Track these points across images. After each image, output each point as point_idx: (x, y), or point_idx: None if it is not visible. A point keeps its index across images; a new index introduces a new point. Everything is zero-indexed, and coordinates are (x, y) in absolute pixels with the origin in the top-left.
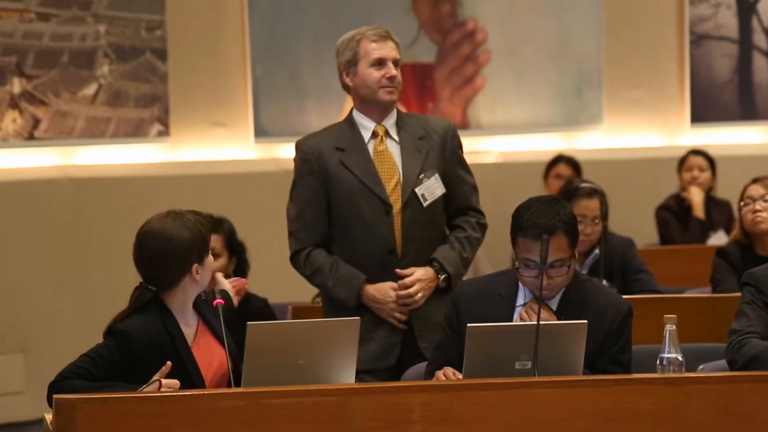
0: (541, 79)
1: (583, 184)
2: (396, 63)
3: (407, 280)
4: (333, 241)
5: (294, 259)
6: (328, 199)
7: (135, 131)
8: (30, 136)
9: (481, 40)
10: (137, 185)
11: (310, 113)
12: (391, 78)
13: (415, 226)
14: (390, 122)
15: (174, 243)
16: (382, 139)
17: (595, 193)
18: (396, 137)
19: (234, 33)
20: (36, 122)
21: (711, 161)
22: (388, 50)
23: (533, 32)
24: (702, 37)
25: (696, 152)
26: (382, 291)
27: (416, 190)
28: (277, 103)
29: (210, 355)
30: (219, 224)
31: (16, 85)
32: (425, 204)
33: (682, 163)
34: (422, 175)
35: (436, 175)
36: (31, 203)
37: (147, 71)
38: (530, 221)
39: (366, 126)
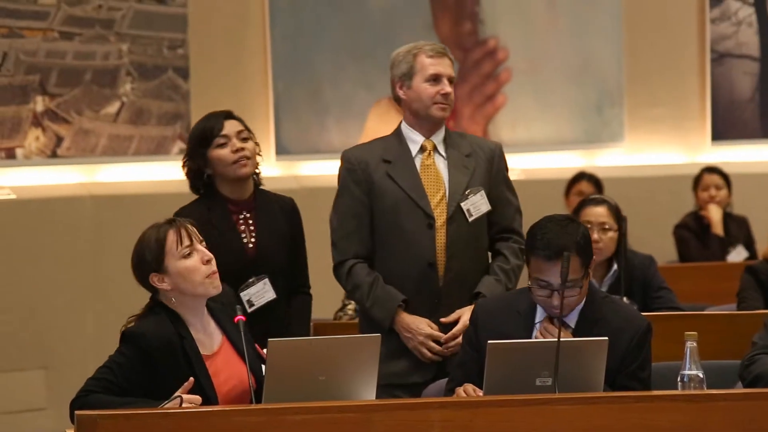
0: (562, 96)
1: (594, 196)
2: (451, 80)
3: (458, 329)
4: (374, 253)
5: (336, 271)
6: (372, 211)
7: (157, 149)
8: (53, 153)
9: (502, 58)
10: (159, 203)
11: (331, 130)
12: (446, 95)
13: (460, 241)
14: (438, 138)
15: (136, 250)
16: (430, 153)
17: (604, 201)
18: (443, 153)
19: (256, 51)
20: (59, 140)
21: (726, 178)
22: (444, 67)
23: (554, 50)
24: (723, 55)
25: (710, 170)
26: (416, 324)
27: (462, 204)
28: (298, 120)
29: (230, 369)
30: (230, 113)
31: (39, 104)
32: (470, 219)
33: (698, 182)
34: (468, 191)
35: (482, 192)
36: (54, 220)
37: (169, 89)
38: (543, 241)
39: (414, 140)
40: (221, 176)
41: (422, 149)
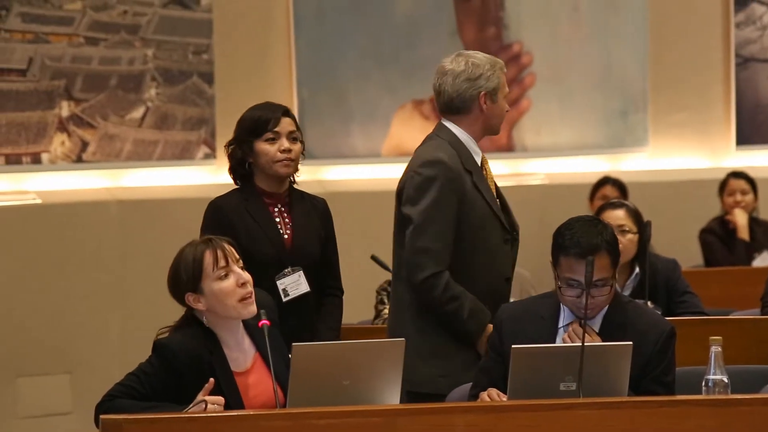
0: (586, 101)
1: (613, 200)
2: None
3: None
4: (451, 267)
5: (430, 280)
6: (458, 222)
7: (182, 154)
8: (78, 158)
9: (527, 63)
10: (184, 207)
11: (355, 135)
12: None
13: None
14: None
15: (173, 268)
16: (488, 167)
17: (622, 204)
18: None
19: (280, 56)
20: (84, 145)
21: (752, 183)
22: None
23: (578, 55)
24: (748, 59)
25: (736, 174)
26: None
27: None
28: (323, 125)
29: (260, 386)
30: (287, 110)
31: (65, 109)
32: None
33: (723, 186)
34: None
35: None
36: (79, 225)
37: (194, 94)
38: (573, 240)
39: (477, 152)
40: (261, 169)
41: (482, 162)
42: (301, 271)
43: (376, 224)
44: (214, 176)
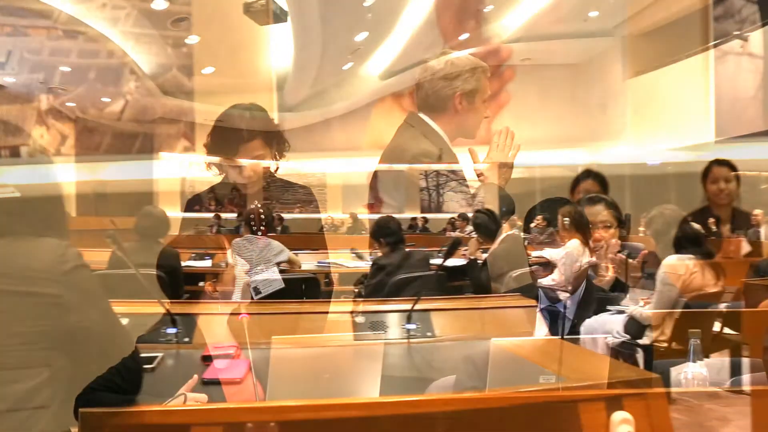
0: (565, 94)
1: (591, 195)
2: None
3: None
4: None
5: None
6: None
7: (161, 147)
8: (57, 151)
9: (506, 57)
10: (163, 200)
11: (335, 130)
12: (487, 118)
13: None
14: None
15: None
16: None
17: (601, 199)
18: None
19: (260, 51)
20: (63, 138)
21: (735, 171)
22: None
23: (558, 49)
24: (727, 53)
25: (720, 162)
26: None
27: None
28: (303, 119)
29: (240, 387)
30: (258, 132)
31: (44, 102)
32: None
33: (707, 174)
34: None
35: None
36: None
37: (173, 88)
38: None
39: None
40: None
41: None
42: (275, 268)
43: None
44: (193, 169)
